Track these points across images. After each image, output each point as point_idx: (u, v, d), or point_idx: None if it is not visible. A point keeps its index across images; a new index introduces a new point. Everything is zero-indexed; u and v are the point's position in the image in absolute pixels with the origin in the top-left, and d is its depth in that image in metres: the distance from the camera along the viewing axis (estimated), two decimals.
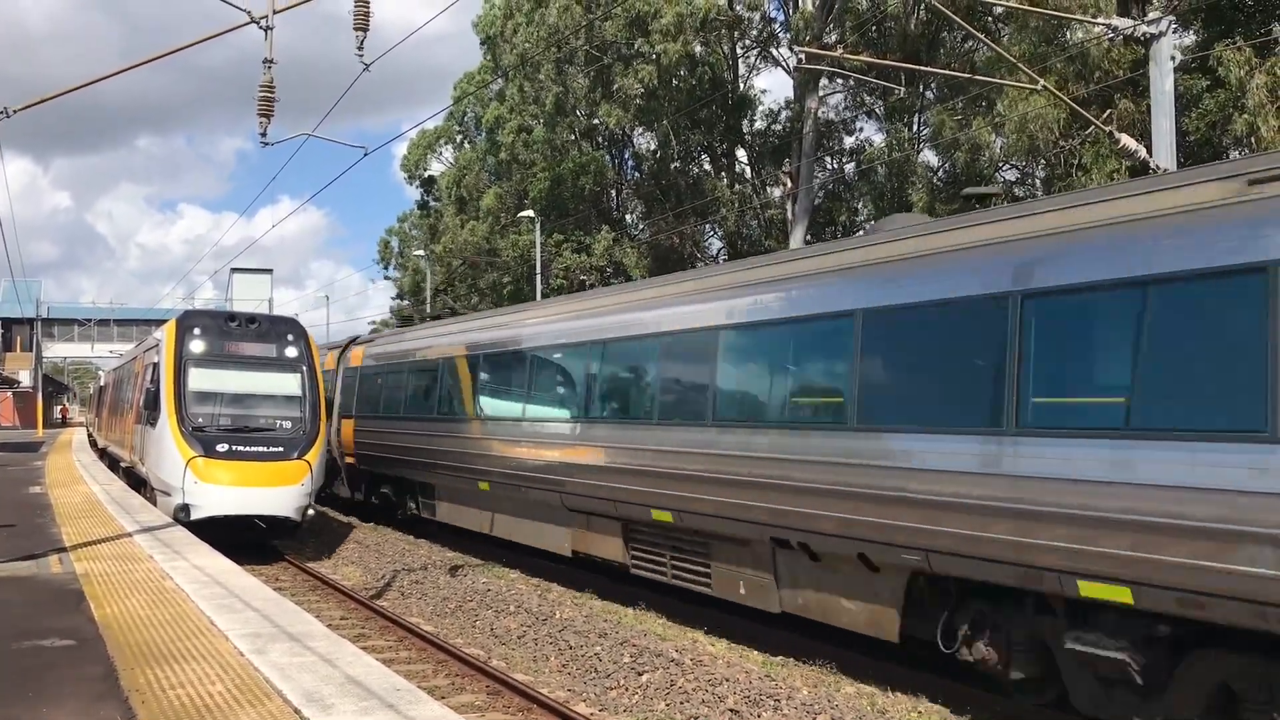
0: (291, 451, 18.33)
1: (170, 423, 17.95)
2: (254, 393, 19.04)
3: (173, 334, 19.08)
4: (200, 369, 18.70)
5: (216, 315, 20.29)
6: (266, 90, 13.69)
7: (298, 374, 19.44)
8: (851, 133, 42.01)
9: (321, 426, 19.33)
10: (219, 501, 17.40)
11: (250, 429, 18.41)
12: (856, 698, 11.36)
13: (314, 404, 19.27)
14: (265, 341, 19.52)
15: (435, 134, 64.25)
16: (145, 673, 6.94)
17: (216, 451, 17.69)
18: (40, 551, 12.40)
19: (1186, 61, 23.06)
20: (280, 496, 17.91)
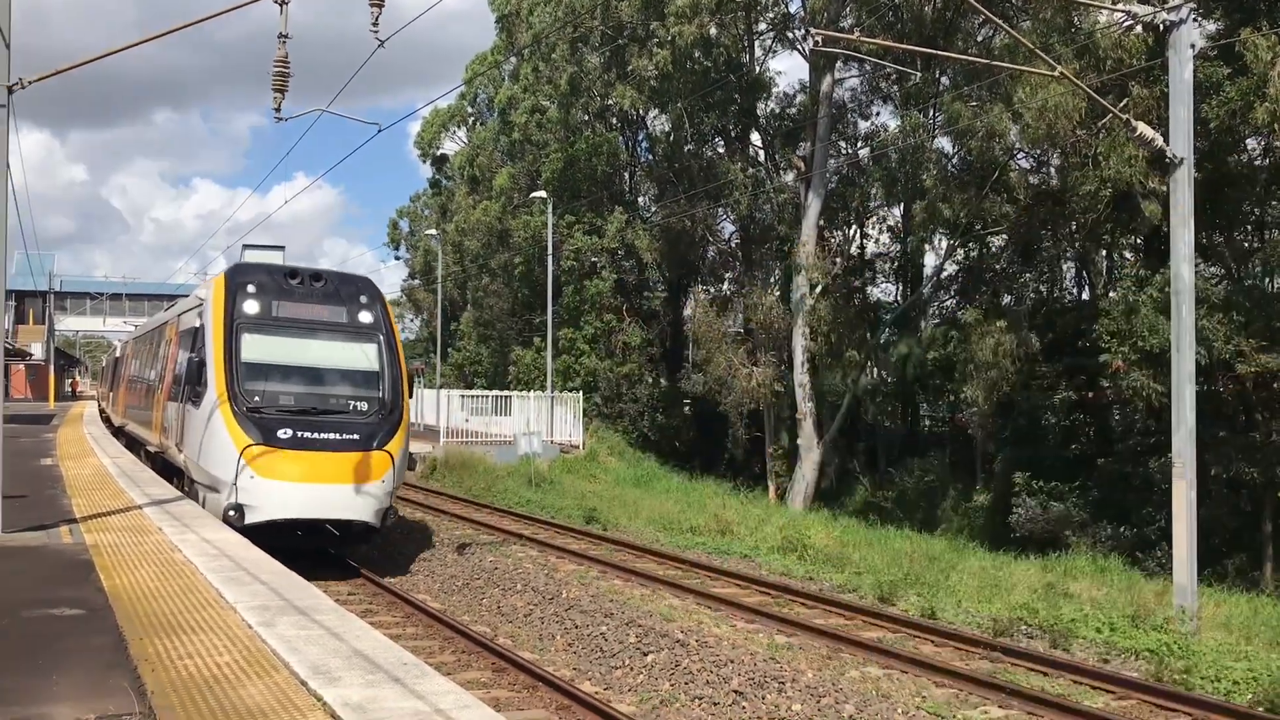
0: (370, 440, 14.92)
1: (220, 402, 14.63)
2: (322, 366, 15.72)
3: (221, 291, 15.64)
4: (256, 335, 15.36)
5: (274, 270, 16.25)
6: (281, 65, 13.66)
7: (374, 343, 16.02)
8: (867, 117, 41.86)
9: (405, 409, 15.85)
10: (281, 502, 14.24)
11: (319, 411, 14.99)
12: (860, 682, 11.39)
13: (395, 381, 15.87)
14: (334, 303, 16.10)
15: (448, 113, 64.17)
16: (154, 643, 6.98)
17: (278, 439, 14.32)
18: (51, 522, 12.47)
19: (1206, 49, 22.87)
20: (357, 496, 14.62)
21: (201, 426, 15.10)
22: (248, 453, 14.21)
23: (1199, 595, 15.25)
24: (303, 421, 14.67)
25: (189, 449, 15.90)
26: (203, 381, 15.17)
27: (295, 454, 14.36)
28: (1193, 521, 14.98)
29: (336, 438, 14.73)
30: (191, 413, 15.76)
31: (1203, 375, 23.27)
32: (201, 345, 15.64)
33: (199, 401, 15.26)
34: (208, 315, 15.66)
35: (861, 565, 18.40)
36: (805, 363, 36.61)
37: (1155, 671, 12.15)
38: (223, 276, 16.06)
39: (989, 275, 35.73)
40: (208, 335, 15.42)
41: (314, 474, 14.36)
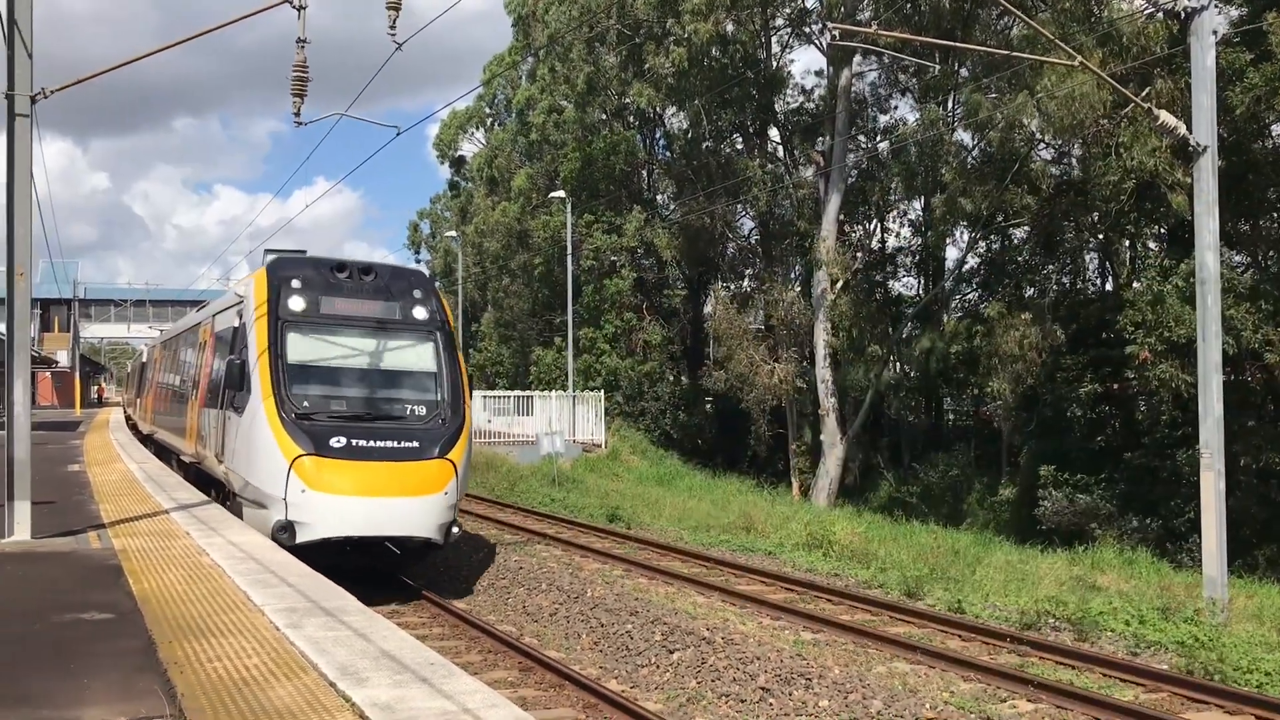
0: (430, 448, 13.70)
1: (266, 408, 13.44)
2: (376, 367, 14.59)
3: (263, 287, 14.42)
4: (304, 334, 14.19)
5: (320, 264, 15.02)
6: (300, 70, 13.74)
7: (431, 341, 14.84)
8: (885, 111, 41.69)
9: (467, 413, 14.66)
10: (337, 518, 12.97)
11: (374, 417, 13.89)
12: (888, 677, 11.34)
13: (454, 382, 14.65)
14: (387, 298, 14.87)
15: (466, 115, 64.33)
16: (183, 646, 7.02)
17: (331, 448, 13.12)
18: (79, 528, 12.56)
19: (1229, 35, 22.67)
20: (418, 510, 13.37)
21: (245, 435, 13.89)
22: (298, 464, 12.96)
23: (1229, 587, 15.13)
24: (357, 429, 13.45)
25: (231, 460, 14.61)
26: (245, 386, 13.96)
27: (350, 464, 13.09)
28: (1222, 512, 14.85)
29: (394, 446, 13.44)
30: (233, 420, 14.53)
31: (1230, 365, 23.06)
32: (243, 346, 14.45)
33: (241, 408, 14.05)
34: (249, 313, 14.49)
35: (887, 561, 18.34)
36: (827, 358, 36.51)
37: (1186, 664, 12.04)
38: (264, 271, 14.71)
39: (1011, 267, 35.53)
40: (249, 335, 14.25)
41: (371, 486, 13.07)
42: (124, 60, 12.88)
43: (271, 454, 13.19)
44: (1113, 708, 10.31)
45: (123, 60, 12.85)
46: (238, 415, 14.18)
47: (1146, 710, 10.28)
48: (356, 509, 13.02)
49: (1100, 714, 10.26)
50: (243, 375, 14.05)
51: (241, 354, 14.37)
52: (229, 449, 14.76)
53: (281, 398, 13.47)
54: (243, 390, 14.03)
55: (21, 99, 11.54)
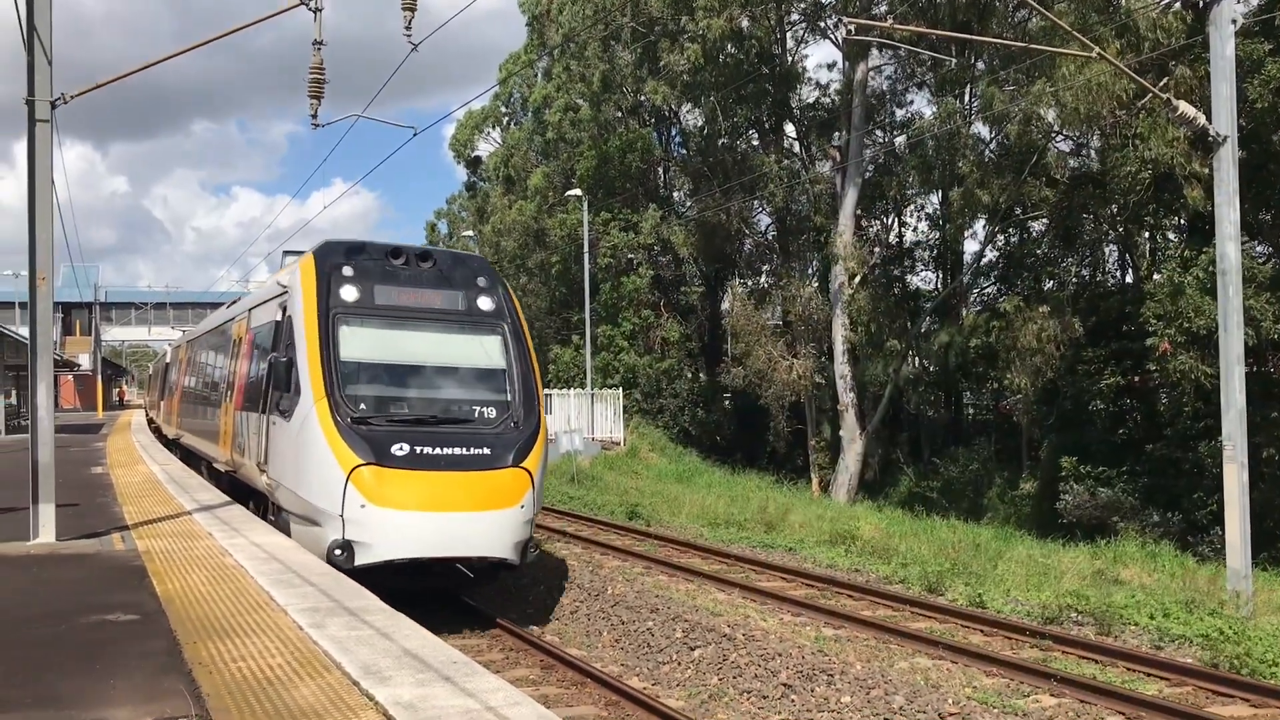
0: (504, 455, 12.22)
1: (318, 411, 11.97)
2: (439, 364, 13.11)
3: (311, 275, 13.00)
4: (359, 328, 12.81)
5: (373, 249, 13.58)
6: (316, 72, 13.81)
7: (498, 335, 13.42)
8: (901, 105, 41.55)
9: (541, 416, 13.17)
10: (402, 537, 11.51)
11: (440, 420, 12.37)
12: (910, 673, 11.32)
13: (527, 381, 13.18)
14: (447, 286, 13.47)
15: (482, 114, 64.43)
16: (207, 646, 7.07)
17: (394, 457, 11.67)
18: (103, 530, 12.65)
19: (1248, 25, 22.50)
20: (492, 527, 11.89)
21: (293, 443, 12.38)
22: (356, 476, 11.53)
23: (1253, 579, 15.02)
24: (421, 434, 11.96)
25: (276, 470, 13.08)
26: (293, 386, 12.47)
27: (415, 475, 11.64)
28: (1245, 504, 14.76)
29: (464, 453, 11.99)
30: (278, 426, 13.03)
31: (1252, 356, 22.89)
32: (288, 342, 12.99)
33: (288, 412, 12.55)
34: (295, 305, 13.03)
35: (908, 556, 18.28)
36: (845, 353, 36.43)
37: (1210, 658, 11.97)
38: (311, 257, 13.27)
39: (1030, 260, 35.37)
40: (297, 329, 12.75)
41: (440, 500, 11.60)
42: (142, 65, 12.97)
43: (325, 464, 11.70)
44: (1137, 702, 10.26)
45: (141, 65, 12.93)
46: (284, 420, 12.69)
47: (1171, 704, 10.23)
48: (424, 526, 11.53)
49: (1125, 708, 10.21)
50: (290, 375, 12.57)
51: (287, 351, 12.87)
52: (273, 457, 13.23)
53: (336, 400, 11.97)
54: (290, 392, 12.55)
55: (42, 105, 11.63)
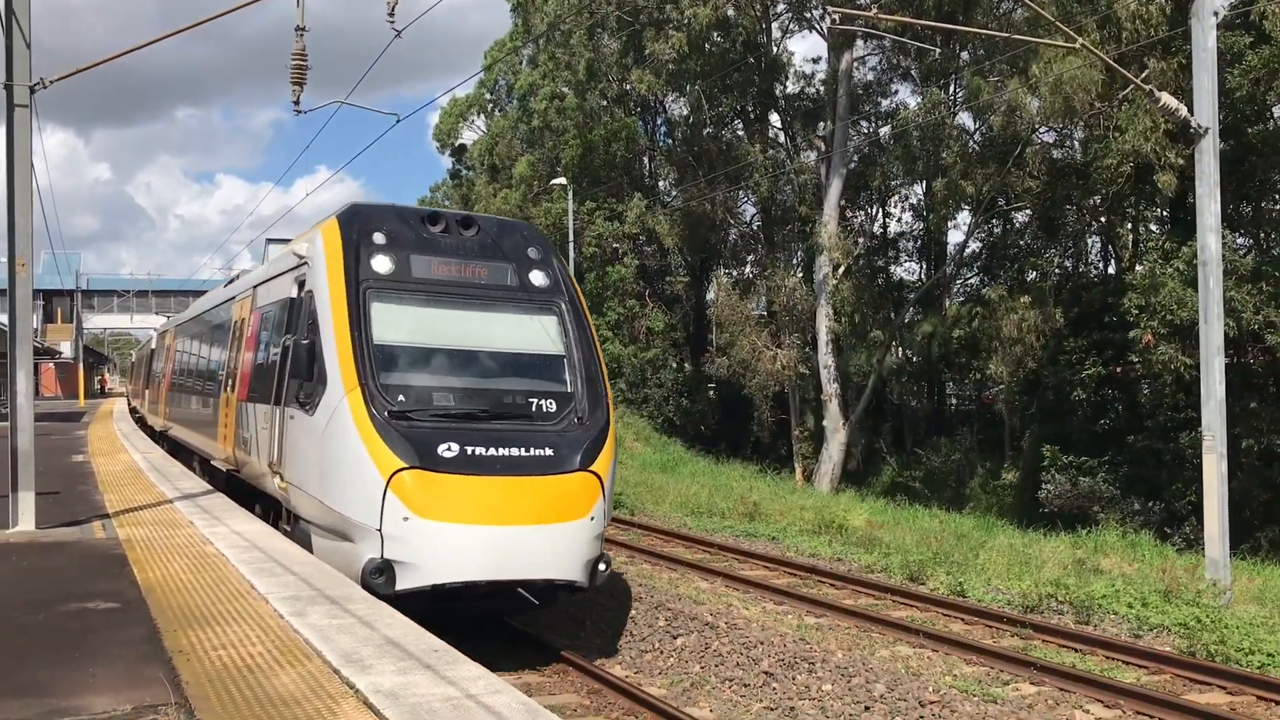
0: (569, 456, 10.30)
1: (350, 404, 10.07)
2: (489, 348, 11.19)
3: (337, 242, 11.07)
4: (394, 305, 10.91)
5: (407, 213, 11.76)
6: (299, 58, 13.74)
7: (554, 314, 11.53)
8: (886, 95, 41.61)
9: (610, 409, 11.18)
10: (455, 556, 9.64)
11: (492, 415, 10.49)
12: (891, 661, 11.38)
13: (590, 368, 11.26)
14: (495, 258, 11.59)
15: (467, 102, 64.20)
16: (188, 635, 7.05)
17: (441, 459, 9.77)
18: (84, 518, 12.59)
19: (1229, 18, 22.59)
20: (559, 543, 10.00)
21: (318, 441, 10.50)
22: (399, 481, 9.62)
23: (1231, 569, 15.14)
24: (473, 432, 10.09)
25: (295, 473, 11.21)
26: (317, 374, 10.64)
27: (469, 481, 9.73)
28: (1224, 495, 14.87)
29: (523, 455, 10.09)
30: (298, 421, 11.12)
31: (1232, 347, 23.06)
32: (310, 322, 11.07)
33: (311, 404, 10.71)
34: (317, 278, 11.13)
35: (890, 545, 18.37)
36: (829, 344, 36.52)
37: (1188, 646, 12.08)
38: (335, 222, 11.38)
39: (1013, 251, 35.50)
40: (321, 307, 10.84)
41: (497, 511, 9.74)
42: (123, 50, 12.87)
43: (360, 467, 9.82)
44: (1115, 690, 10.35)
45: (122, 50, 12.84)
46: (305, 414, 10.85)
47: (1149, 692, 10.31)
48: (479, 543, 9.65)
49: (1103, 696, 10.29)
50: (312, 361, 10.73)
51: (309, 332, 11.03)
52: (290, 458, 11.36)
53: (371, 390, 10.09)
54: (313, 380, 10.72)
55: (20, 89, 11.54)
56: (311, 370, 10.74)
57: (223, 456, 15.72)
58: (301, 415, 10.97)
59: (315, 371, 10.67)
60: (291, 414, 11.32)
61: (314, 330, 10.88)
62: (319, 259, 11.20)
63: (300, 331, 11.39)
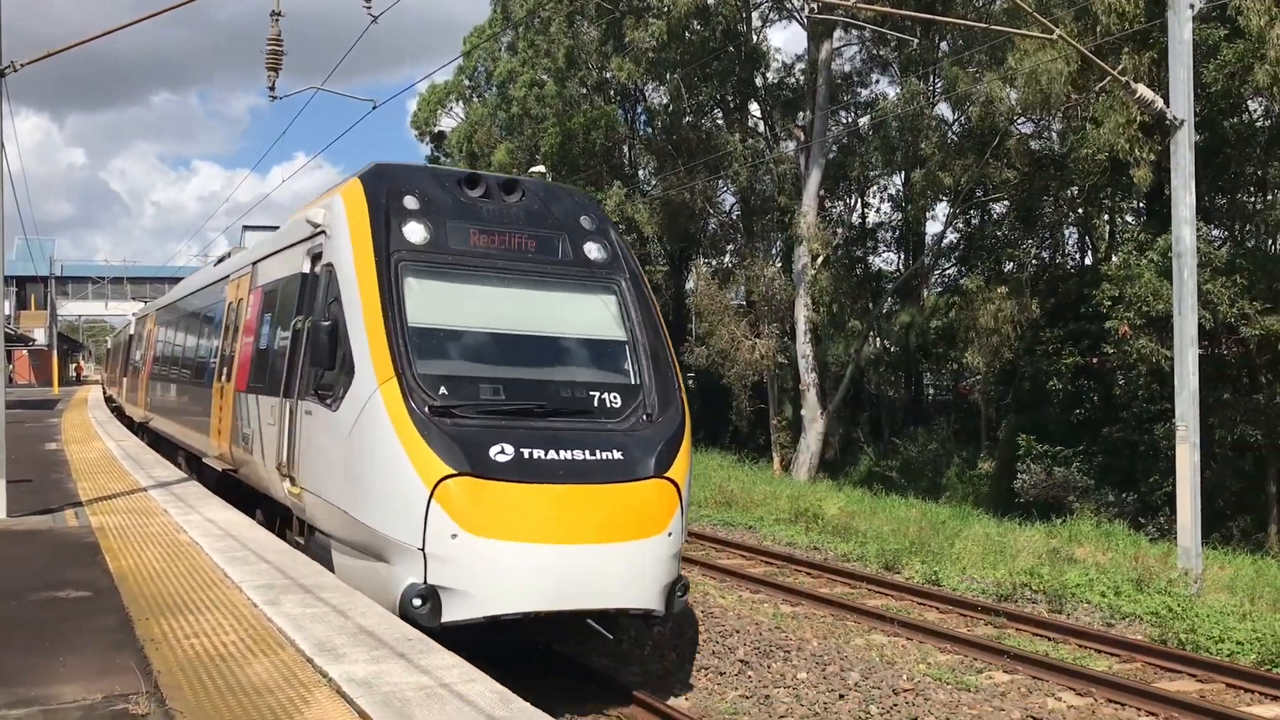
0: (642, 459, 8.83)
1: (385, 397, 8.59)
2: (541, 332, 9.70)
3: (362, 207, 9.65)
4: (431, 280, 9.45)
5: (441, 175, 10.38)
6: (274, 43, 13.63)
7: (614, 293, 10.10)
8: (865, 85, 41.66)
9: (684, 404, 9.66)
10: (514, 581, 8.14)
11: (549, 412, 8.97)
12: (866, 649, 11.44)
13: (658, 357, 9.80)
14: (545, 227, 10.14)
15: (445, 89, 63.87)
16: (160, 623, 7.02)
17: (494, 464, 8.29)
18: (56, 506, 12.52)
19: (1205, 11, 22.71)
20: (634, 564, 8.52)
21: (343, 441, 9.02)
22: (445, 491, 8.15)
23: (1203, 558, 15.29)
24: (530, 432, 8.62)
25: (312, 478, 9.76)
26: (341, 363, 9.18)
27: (528, 491, 8.27)
28: (1196, 484, 15.00)
29: (587, 458, 8.60)
30: (316, 417, 9.68)
31: (1206, 339, 23.23)
32: (331, 299, 9.67)
33: (333, 397, 9.27)
34: (339, 249, 9.71)
35: (866, 534, 18.45)
36: (808, 333, 36.59)
37: (1159, 634, 12.20)
38: (358, 184, 9.92)
39: (990, 242, 35.64)
40: (344, 282, 9.43)
41: (563, 527, 8.26)
42: (96, 33, 12.74)
43: (397, 473, 8.35)
44: (1088, 678, 10.44)
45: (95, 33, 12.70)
46: (325, 408, 9.41)
47: (1120, 680, 10.41)
48: (542, 565, 8.16)
49: (1075, 684, 10.38)
50: (335, 346, 9.28)
51: (329, 312, 9.62)
52: (306, 460, 9.93)
53: (409, 382, 8.61)
54: (335, 369, 9.29)
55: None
56: (333, 358, 9.29)
57: (216, 453, 14.24)
58: (321, 411, 9.51)
59: (339, 359, 9.21)
60: (308, 409, 9.87)
61: (336, 309, 9.45)
62: (340, 227, 9.76)
63: (318, 312, 9.95)
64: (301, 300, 10.81)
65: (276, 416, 10.87)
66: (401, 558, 8.29)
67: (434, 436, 8.33)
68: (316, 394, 9.65)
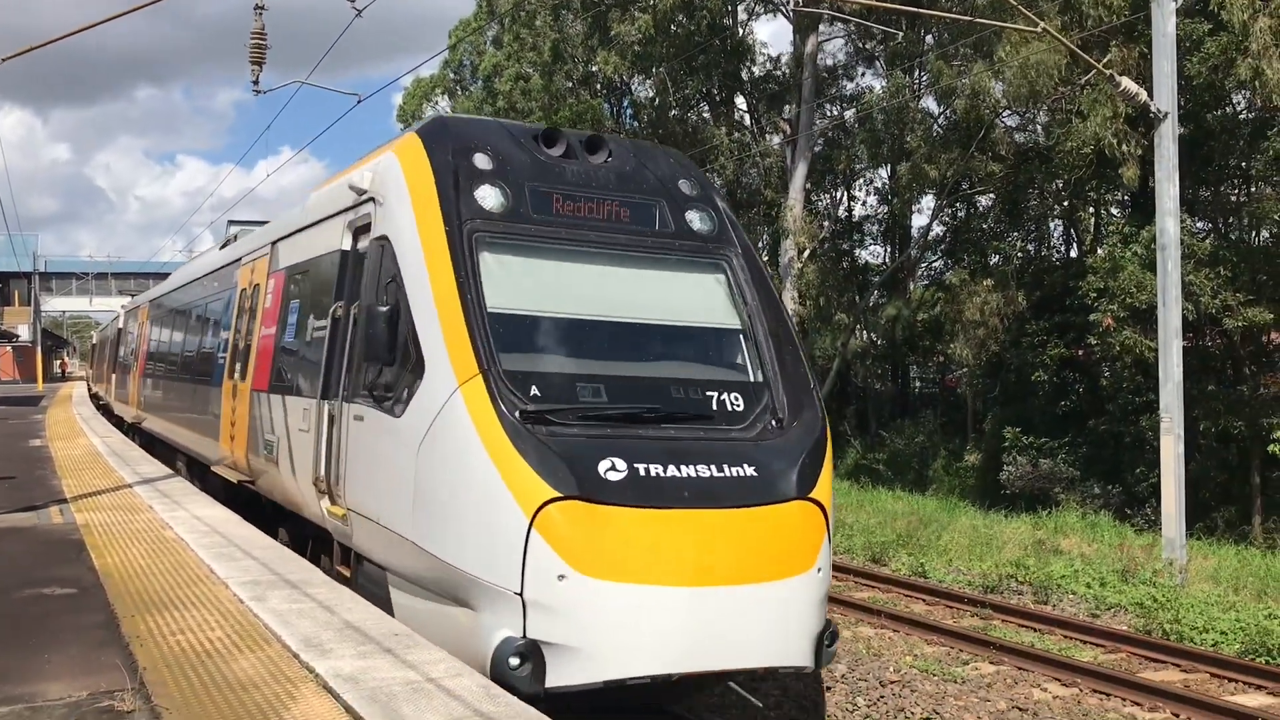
0: (782, 476, 7.29)
1: (467, 399, 7.05)
2: (640, 319, 8.17)
3: (424, 165, 8.11)
4: (513, 256, 7.93)
5: (513, 130, 8.73)
6: (258, 37, 13.58)
7: (722, 271, 8.59)
8: (851, 79, 41.71)
9: (821, 408, 8.07)
10: (641, 637, 6.60)
11: (661, 418, 7.42)
12: (853, 642, 11.48)
13: (782, 347, 8.28)
14: (637, 191, 8.57)
15: (431, 83, 63.73)
16: (145, 620, 6.99)
17: (606, 484, 6.79)
18: (41, 503, 12.46)
19: (1188, 4, 22.79)
20: (779, 609, 6.99)
21: (407, 452, 7.40)
22: (549, 519, 6.59)
23: (1188, 549, 15.38)
24: (642, 442, 7.10)
25: (364, 496, 8.19)
26: (407, 357, 7.57)
27: (650, 518, 6.71)
28: (1180, 475, 15.09)
29: (715, 475, 7.02)
30: (371, 424, 8.09)
31: (1190, 330, 23.35)
32: (389, 280, 8.03)
33: (396, 399, 7.68)
34: (397, 217, 8.14)
35: (853, 527, 18.50)
36: (795, 326, 36.66)
37: (1144, 625, 12.27)
38: (416, 140, 8.39)
39: (976, 235, 35.74)
40: (406, 258, 7.84)
41: (696, 564, 6.70)
42: (78, 28, 12.66)
43: (487, 495, 6.77)
44: (1073, 668, 10.50)
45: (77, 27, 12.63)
46: (383, 413, 7.84)
47: (1105, 670, 10.47)
48: (675, 614, 6.60)
49: (1060, 674, 10.44)
50: (394, 336, 7.68)
51: (386, 295, 7.99)
52: (355, 475, 8.38)
53: (497, 382, 7.04)
54: (397, 365, 7.72)
55: None
56: (392, 350, 7.71)
57: (226, 461, 12.85)
58: (377, 415, 7.93)
59: (401, 352, 7.66)
60: (358, 413, 8.32)
61: (395, 293, 7.87)
62: (398, 191, 8.22)
63: (367, 295, 8.45)
64: (342, 282, 9.31)
65: (312, 421, 9.35)
66: (492, 604, 6.68)
67: (531, 449, 6.78)
68: (371, 395, 8.06)
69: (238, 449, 12.08)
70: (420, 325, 7.49)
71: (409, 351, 7.57)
